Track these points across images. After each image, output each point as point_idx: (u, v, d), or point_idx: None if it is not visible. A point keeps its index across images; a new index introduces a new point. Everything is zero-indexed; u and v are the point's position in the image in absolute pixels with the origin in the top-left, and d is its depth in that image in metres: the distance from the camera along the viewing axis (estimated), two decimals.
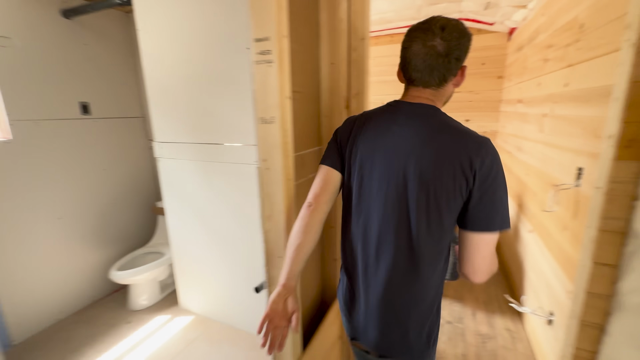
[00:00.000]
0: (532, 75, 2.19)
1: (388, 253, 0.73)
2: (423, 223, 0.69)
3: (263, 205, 0.94)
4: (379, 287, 0.75)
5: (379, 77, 3.88)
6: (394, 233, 0.72)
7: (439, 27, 0.68)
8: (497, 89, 3.36)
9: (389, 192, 0.72)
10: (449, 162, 0.66)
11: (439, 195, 0.67)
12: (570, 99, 1.47)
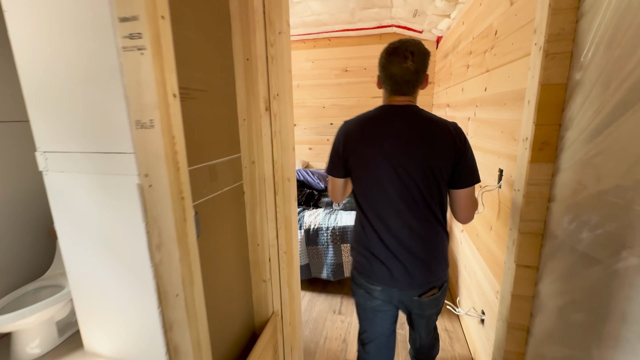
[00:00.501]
0: (456, 80, 2.30)
1: (409, 217, 0.96)
2: (427, 190, 0.94)
3: (150, 232, 0.74)
4: (408, 246, 0.97)
5: (318, 81, 3.82)
6: (411, 202, 0.95)
7: (409, 52, 0.93)
8: (428, 94, 3.53)
9: (400, 172, 0.93)
10: (440, 143, 0.92)
11: (437, 168, 0.93)
12: (490, 103, 1.52)
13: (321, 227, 2.21)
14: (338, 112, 3.84)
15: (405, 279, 0.98)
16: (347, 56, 3.67)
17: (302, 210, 2.37)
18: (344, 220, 2.21)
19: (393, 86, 0.98)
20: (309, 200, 2.50)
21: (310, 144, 4.03)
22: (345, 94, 3.78)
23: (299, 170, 2.84)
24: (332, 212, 2.35)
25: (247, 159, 1.17)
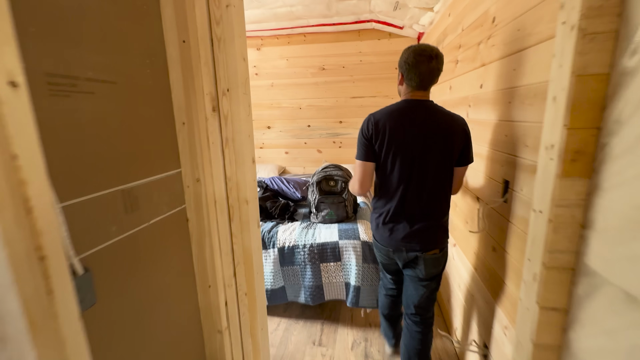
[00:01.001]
0: (443, 78, 2.10)
1: (423, 196, 1.20)
2: (443, 169, 1.20)
3: None
4: (421, 213, 1.22)
5: (294, 80, 3.54)
6: (426, 183, 1.19)
7: (435, 54, 1.16)
8: None
9: (420, 159, 1.17)
10: (455, 132, 1.18)
11: (452, 152, 1.18)
12: (488, 102, 1.32)
13: (297, 245, 1.93)
14: (315, 113, 3.58)
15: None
16: (324, 53, 3.42)
17: (276, 225, 2.09)
18: (323, 235, 1.95)
19: (420, 82, 1.18)
20: (284, 212, 2.22)
21: (286, 147, 3.74)
22: (322, 94, 3.53)
23: (272, 178, 2.55)
24: (309, 225, 2.08)
25: (189, 176, 0.88)
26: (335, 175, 2.09)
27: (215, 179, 0.90)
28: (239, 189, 0.91)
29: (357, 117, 3.49)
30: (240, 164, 0.88)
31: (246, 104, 0.88)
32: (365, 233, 1.94)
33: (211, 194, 0.91)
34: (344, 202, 2.07)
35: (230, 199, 0.92)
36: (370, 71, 3.36)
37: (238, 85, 0.84)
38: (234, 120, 0.85)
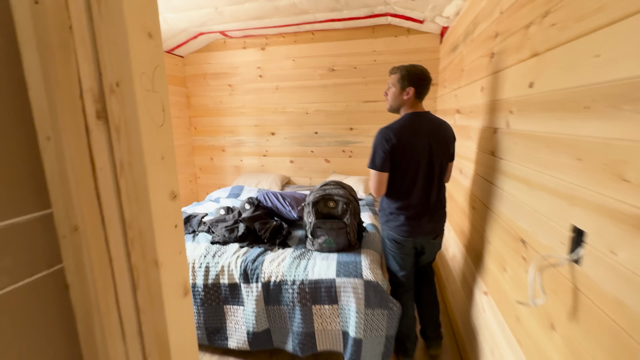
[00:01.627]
0: (471, 77, 1.69)
1: (434, 191, 1.45)
2: (443, 167, 1.47)
3: None
4: (433, 206, 1.47)
5: (301, 82, 3.22)
6: (434, 181, 1.44)
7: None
8: (430, 98, 2.93)
9: (428, 162, 1.41)
10: (450, 137, 1.49)
11: (449, 152, 1.49)
12: (542, 107, 0.91)
13: (285, 280, 1.58)
14: (323, 118, 3.24)
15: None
16: (333, 53, 3.08)
17: (263, 252, 1.74)
18: (318, 270, 1.58)
19: (422, 96, 1.44)
20: (275, 235, 1.88)
21: (291, 156, 3.42)
22: (331, 98, 3.18)
23: (266, 193, 2.21)
24: (303, 254, 1.72)
25: (64, 222, 0.55)
26: (336, 195, 1.73)
27: (108, 225, 0.57)
28: (144, 242, 0.57)
29: (369, 123, 3.11)
30: (145, 202, 0.55)
31: (155, 107, 0.55)
32: (370, 269, 1.56)
33: (100, 250, 0.57)
34: (345, 229, 1.70)
35: (133, 258, 0.58)
36: (385, 72, 2.97)
37: (135, 77, 0.51)
38: (130, 132, 0.52)
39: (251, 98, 3.38)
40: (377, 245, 1.85)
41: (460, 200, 1.88)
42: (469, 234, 1.67)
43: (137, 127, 0.52)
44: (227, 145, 3.59)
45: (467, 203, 1.72)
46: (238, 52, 3.31)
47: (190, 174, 3.70)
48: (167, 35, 2.88)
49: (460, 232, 1.86)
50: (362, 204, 2.63)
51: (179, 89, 3.44)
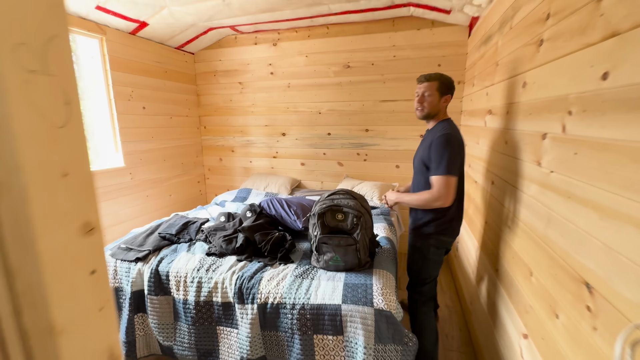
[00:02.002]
0: (509, 72, 1.43)
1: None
2: None
3: None
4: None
5: (314, 80, 3.02)
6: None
7: None
8: (456, 97, 2.64)
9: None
10: None
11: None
12: (621, 106, 0.66)
13: (284, 303, 1.38)
14: (337, 119, 3.02)
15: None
16: (349, 48, 2.86)
17: (262, 268, 1.55)
18: (322, 292, 1.38)
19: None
20: (277, 249, 1.68)
21: (302, 158, 3.23)
22: (346, 97, 2.96)
23: (270, 199, 2.03)
24: (307, 272, 1.52)
25: None
26: (345, 206, 1.51)
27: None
28: (34, 299, 0.38)
29: (386, 124, 2.87)
30: (30, 241, 0.36)
31: (49, 98, 0.36)
32: (383, 295, 1.33)
33: None
34: (355, 245, 1.48)
35: (26, 321, 0.40)
36: (405, 69, 2.73)
37: (3, 50, 0.32)
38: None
39: (262, 96, 3.22)
40: (391, 264, 1.62)
41: (492, 217, 1.62)
42: (502, 259, 1.40)
43: (9, 128, 0.34)
44: (236, 146, 3.44)
45: (501, 221, 1.45)
46: (249, 48, 3.15)
47: (199, 175, 3.58)
48: (175, 31, 2.76)
49: (490, 253, 1.59)
50: (376, 213, 2.39)
51: (189, 87, 3.33)
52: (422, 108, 1.44)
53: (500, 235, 1.46)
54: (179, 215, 2.22)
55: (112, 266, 1.68)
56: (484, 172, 1.80)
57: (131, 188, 2.69)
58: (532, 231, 1.10)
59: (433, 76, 1.40)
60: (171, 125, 3.10)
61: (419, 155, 1.47)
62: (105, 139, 2.54)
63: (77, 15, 2.17)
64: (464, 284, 2.16)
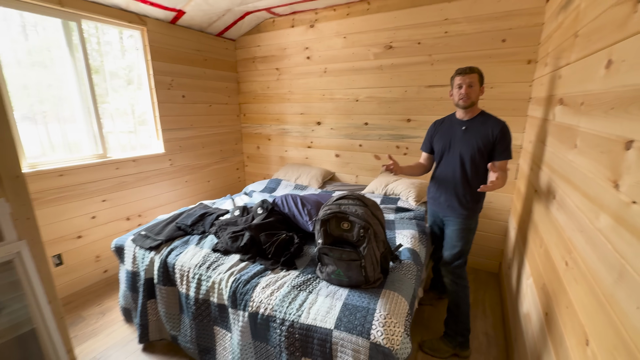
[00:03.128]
0: (591, 46, 1.01)
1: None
2: None
3: None
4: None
5: (352, 63, 2.75)
6: None
7: None
8: (524, 80, 2.13)
9: None
10: None
11: None
12: None
13: (274, 317, 1.25)
14: (376, 107, 2.73)
15: None
16: (392, 25, 2.50)
17: (262, 272, 1.45)
18: (316, 310, 1.21)
19: None
20: (282, 252, 1.56)
21: (337, 149, 3.03)
22: (387, 82, 2.63)
23: (285, 196, 1.90)
24: (306, 283, 1.36)
25: None
26: (352, 214, 1.29)
27: None
28: None
29: (432, 114, 2.47)
30: None
31: None
32: (385, 327, 1.11)
33: None
34: (359, 261, 1.26)
35: None
36: (459, 47, 2.28)
37: None
38: None
39: (298, 83, 3.06)
40: (407, 285, 1.36)
41: (548, 242, 1.23)
42: (554, 303, 1.05)
43: None
44: (272, 134, 3.39)
45: (558, 252, 1.08)
46: (286, 32, 2.99)
47: (238, 162, 3.65)
48: (212, 17, 2.74)
49: (541, 287, 1.22)
50: (408, 217, 2.10)
51: (230, 74, 3.35)
52: (467, 98, 1.47)
53: (555, 270, 1.09)
54: (202, 204, 2.25)
55: (132, 251, 1.75)
56: (547, 182, 1.39)
57: (171, 174, 2.83)
58: (596, 282, 0.76)
59: (475, 69, 1.47)
60: (210, 113, 3.17)
61: (470, 144, 1.50)
62: (148, 127, 2.69)
63: (117, 7, 2.27)
64: (510, 313, 1.77)
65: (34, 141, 2.07)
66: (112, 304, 2.11)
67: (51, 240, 2.08)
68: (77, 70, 2.17)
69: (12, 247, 1.34)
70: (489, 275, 2.48)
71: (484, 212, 2.42)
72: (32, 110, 2.07)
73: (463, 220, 1.57)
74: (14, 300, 1.43)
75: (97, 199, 2.29)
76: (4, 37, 1.92)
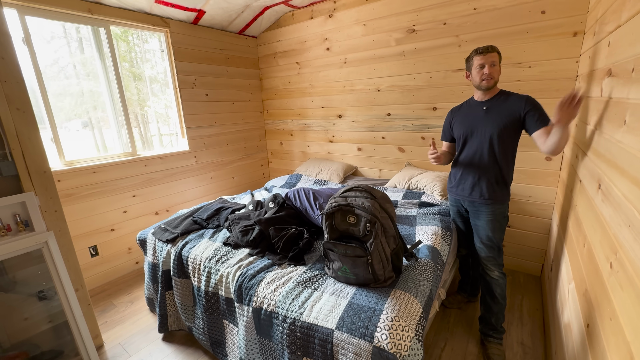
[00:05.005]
0: None
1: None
2: None
3: None
4: None
5: (373, 51, 2.63)
6: None
7: None
8: (569, 56, 1.85)
9: None
10: None
11: None
12: None
13: (276, 313, 1.21)
14: (399, 96, 2.58)
15: None
16: (415, 7, 2.33)
17: (269, 267, 1.41)
18: (319, 308, 1.14)
19: None
20: (290, 246, 1.51)
21: (359, 142, 2.92)
22: (410, 69, 2.47)
23: (298, 190, 1.84)
24: (312, 280, 1.30)
25: None
26: (358, 207, 1.20)
27: None
28: None
29: (460, 100, 2.26)
30: None
31: None
32: (391, 330, 1.01)
33: None
34: (366, 258, 1.17)
35: None
36: (490, 24, 2.05)
37: None
38: None
39: (318, 76, 3.00)
40: (422, 285, 1.24)
41: (593, 240, 1.04)
42: (597, 313, 0.87)
43: None
44: (294, 130, 3.36)
45: (604, 255, 0.90)
46: (305, 25, 2.94)
47: (262, 158, 3.68)
48: (232, 15, 2.77)
49: (583, 294, 1.03)
50: (432, 212, 1.94)
51: (252, 71, 3.38)
52: (491, 78, 1.38)
53: (599, 273, 0.91)
54: (222, 199, 2.28)
55: (153, 244, 1.82)
56: (591, 169, 1.17)
57: (195, 170, 2.93)
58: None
59: (490, 47, 1.38)
60: (233, 110, 3.23)
61: (495, 123, 1.40)
62: (173, 125, 2.81)
63: (142, 11, 2.37)
64: (551, 322, 1.55)
65: (77, 142, 2.26)
66: (140, 294, 2.23)
67: (88, 232, 2.25)
68: (108, 77, 2.31)
69: (41, 237, 1.45)
70: (528, 278, 2.22)
71: (523, 208, 2.17)
72: (75, 114, 2.25)
73: (493, 206, 1.46)
74: (53, 290, 1.55)
75: (127, 194, 2.44)
76: (56, 50, 2.11)
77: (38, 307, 1.55)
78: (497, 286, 1.52)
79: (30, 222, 1.42)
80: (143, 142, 2.72)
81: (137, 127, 2.70)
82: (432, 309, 1.34)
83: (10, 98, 1.36)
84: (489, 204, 1.47)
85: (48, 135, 2.04)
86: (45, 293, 1.59)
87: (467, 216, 1.63)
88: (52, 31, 2.15)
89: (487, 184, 1.46)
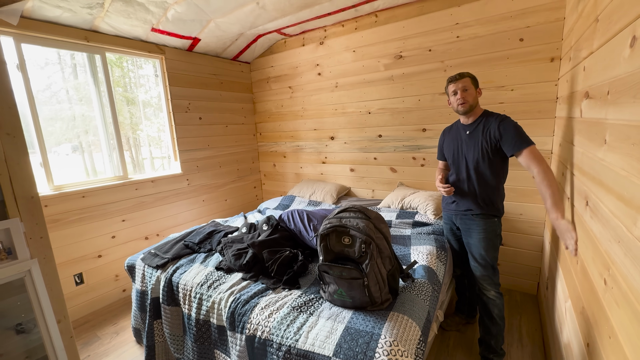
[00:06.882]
0: (612, 27, 0.88)
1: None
2: None
3: None
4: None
5: (362, 76, 2.72)
6: None
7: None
8: (548, 80, 1.96)
9: None
10: None
11: None
12: None
13: (270, 341, 1.16)
14: (389, 118, 2.65)
15: None
16: (401, 35, 2.45)
17: (262, 292, 1.37)
18: (315, 334, 1.10)
19: None
20: (284, 270, 1.47)
21: (351, 163, 2.95)
22: (399, 92, 2.56)
23: (291, 212, 1.83)
24: (308, 304, 1.26)
25: None
26: (353, 227, 1.19)
27: None
28: None
29: (448, 122, 2.33)
30: None
31: None
32: (390, 354, 0.97)
33: None
34: (362, 280, 1.15)
35: None
36: (473, 50, 2.17)
37: None
38: None
39: (310, 99, 3.08)
40: (420, 307, 1.22)
41: (586, 257, 1.05)
42: (595, 332, 0.86)
43: None
44: (287, 151, 3.39)
45: (596, 269, 0.91)
46: (297, 51, 3.05)
47: (255, 180, 3.68)
48: (226, 42, 2.86)
49: (580, 313, 1.02)
50: (425, 232, 1.94)
51: (245, 95, 3.45)
52: (465, 102, 1.44)
53: (594, 290, 0.91)
54: (214, 222, 2.25)
55: (141, 270, 1.76)
56: (578, 187, 1.21)
57: (188, 193, 2.90)
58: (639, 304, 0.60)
59: (465, 73, 1.46)
60: (227, 133, 3.25)
61: (476, 148, 1.45)
62: (165, 148, 2.80)
63: (138, 39, 2.44)
64: (551, 343, 1.53)
65: (66, 166, 2.22)
66: (126, 324, 2.12)
67: (73, 259, 2.16)
68: (102, 102, 2.33)
69: (24, 266, 1.39)
70: (525, 297, 2.20)
71: (515, 226, 2.19)
72: (65, 138, 2.23)
73: (484, 221, 1.48)
74: (32, 322, 1.46)
75: (117, 218, 2.38)
76: (49, 76, 2.13)
77: (15, 342, 1.45)
78: (494, 306, 1.50)
79: (14, 249, 1.36)
80: (134, 166, 2.70)
81: (129, 150, 2.69)
82: (431, 331, 1.31)
83: (1, 123, 1.35)
84: (479, 218, 1.49)
85: (37, 159, 2.01)
86: (23, 326, 1.49)
87: (459, 234, 1.64)
88: (47, 57, 2.18)
89: (474, 202, 1.50)
